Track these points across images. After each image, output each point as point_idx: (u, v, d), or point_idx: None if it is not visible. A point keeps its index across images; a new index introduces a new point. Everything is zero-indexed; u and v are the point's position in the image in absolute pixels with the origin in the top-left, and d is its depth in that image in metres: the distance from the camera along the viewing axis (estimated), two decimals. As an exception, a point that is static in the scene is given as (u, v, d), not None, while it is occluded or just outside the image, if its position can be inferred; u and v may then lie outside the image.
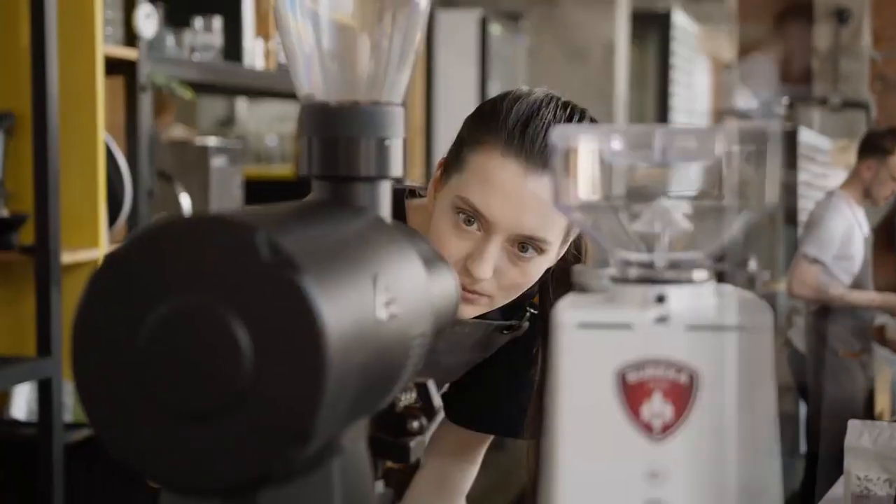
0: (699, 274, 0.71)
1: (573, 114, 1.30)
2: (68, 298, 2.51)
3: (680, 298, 0.70)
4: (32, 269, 2.45)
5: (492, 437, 1.58)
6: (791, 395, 4.81)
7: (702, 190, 0.73)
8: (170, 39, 3.05)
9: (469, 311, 1.32)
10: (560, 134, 0.72)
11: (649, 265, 0.72)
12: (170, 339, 0.62)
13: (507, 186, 1.25)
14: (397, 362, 0.74)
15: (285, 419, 0.60)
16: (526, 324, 1.46)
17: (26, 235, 2.50)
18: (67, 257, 2.52)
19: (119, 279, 0.64)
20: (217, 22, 3.14)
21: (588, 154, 0.72)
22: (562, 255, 1.36)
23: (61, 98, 2.49)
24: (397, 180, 0.85)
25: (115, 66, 2.75)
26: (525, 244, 1.27)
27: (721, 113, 9.49)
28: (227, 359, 0.61)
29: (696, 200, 0.72)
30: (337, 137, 0.81)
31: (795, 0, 7.65)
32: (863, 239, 4.49)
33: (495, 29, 5.93)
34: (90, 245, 2.62)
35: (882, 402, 4.68)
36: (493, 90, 6.04)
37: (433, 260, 0.86)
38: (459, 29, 5.18)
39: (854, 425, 1.95)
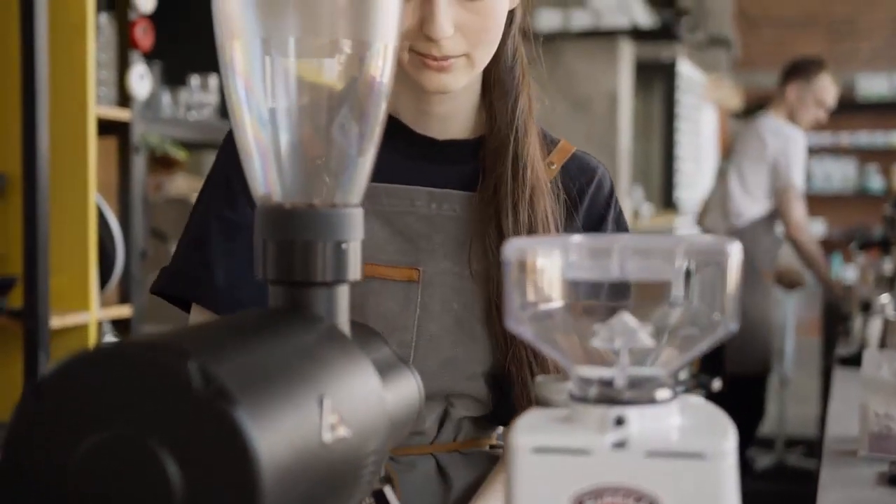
0: (662, 393, 0.68)
1: None
2: (57, 364, 2.47)
3: (641, 419, 0.67)
4: (21, 334, 2.42)
5: None
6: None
7: (663, 305, 0.70)
8: (165, 98, 3.04)
9: (453, 81, 1.22)
10: (513, 247, 0.69)
11: (609, 383, 0.69)
12: (99, 472, 0.59)
13: None
14: (348, 483, 0.71)
15: (215, 561, 0.57)
16: None
17: (15, 299, 2.47)
18: (57, 321, 2.49)
19: (48, 408, 0.61)
20: (213, 80, 3.13)
21: (543, 267, 0.69)
22: None
23: (53, 159, 2.48)
24: None
25: (108, 127, 2.73)
26: None
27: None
28: (158, 494, 0.58)
29: (658, 317, 0.70)
30: (293, 241, 0.78)
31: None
32: None
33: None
34: (81, 308, 2.59)
35: None
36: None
37: (392, 365, 0.83)
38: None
39: (871, 355, 1.78)
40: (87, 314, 2.61)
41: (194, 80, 3.14)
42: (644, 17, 5.97)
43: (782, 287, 5.01)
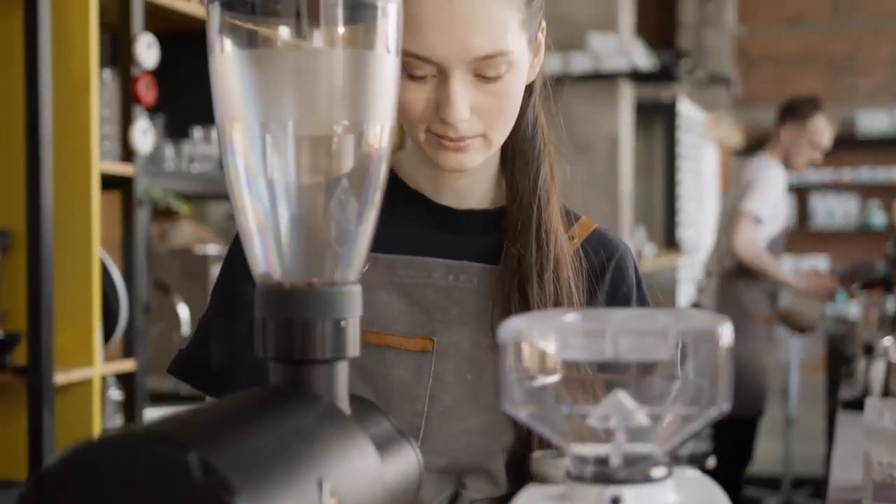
0: (657, 471, 0.69)
1: None
2: (61, 420, 2.48)
3: (637, 499, 0.67)
4: (25, 391, 2.43)
5: None
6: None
7: (658, 383, 0.71)
8: (168, 150, 3.07)
9: (469, 160, 1.21)
10: (509, 328, 0.70)
11: (605, 461, 0.69)
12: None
13: (434, 17, 1.12)
14: (348, 564, 0.71)
15: None
16: None
17: (19, 355, 2.48)
18: (61, 377, 2.50)
19: (50, 498, 0.62)
20: (215, 132, 3.16)
21: (538, 348, 0.70)
22: (539, 59, 1.26)
23: (57, 215, 2.49)
24: None
25: (111, 182, 2.75)
26: (486, 66, 1.15)
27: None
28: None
29: (653, 395, 0.70)
30: (292, 320, 0.79)
31: None
32: (785, 205, 4.56)
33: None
34: (84, 364, 2.60)
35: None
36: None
37: (392, 439, 0.84)
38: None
39: (873, 403, 1.76)
40: (91, 369, 2.61)
41: (197, 132, 3.17)
42: (643, 60, 6.01)
43: (789, 330, 5.00)
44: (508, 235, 1.28)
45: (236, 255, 1.28)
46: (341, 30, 0.78)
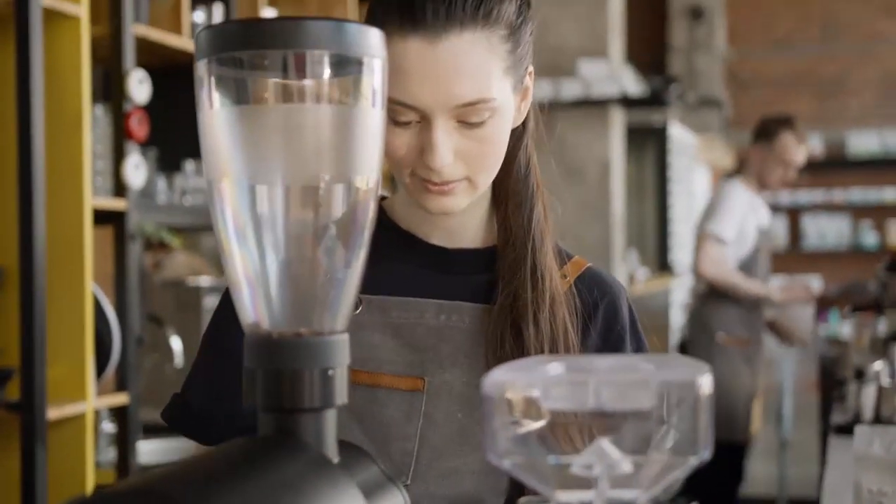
0: (640, 518, 0.70)
1: None
2: (54, 455, 2.49)
3: (620, 546, 0.69)
4: (18, 426, 2.43)
5: None
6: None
7: (641, 431, 0.72)
8: (161, 183, 3.08)
9: (454, 203, 1.22)
10: (492, 381, 0.71)
11: (589, 509, 0.71)
12: None
13: (417, 66, 1.14)
14: None
15: None
16: None
17: (12, 391, 2.49)
18: (54, 413, 2.50)
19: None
20: (208, 165, 3.17)
21: (522, 399, 0.71)
22: (527, 103, 1.27)
23: (49, 251, 2.50)
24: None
25: (104, 216, 2.77)
26: (469, 112, 1.16)
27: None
28: None
29: (636, 442, 0.72)
30: (281, 370, 0.81)
31: None
32: (756, 227, 4.54)
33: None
34: (78, 399, 2.60)
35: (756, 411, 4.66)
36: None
37: (380, 485, 0.85)
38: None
39: (862, 431, 1.74)
40: (84, 404, 2.61)
41: (189, 164, 3.18)
42: (633, 86, 6.04)
43: (780, 342, 5.02)
44: (503, 275, 1.29)
45: (226, 303, 1.30)
46: (327, 86, 0.80)
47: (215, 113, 0.81)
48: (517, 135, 1.28)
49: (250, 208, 0.82)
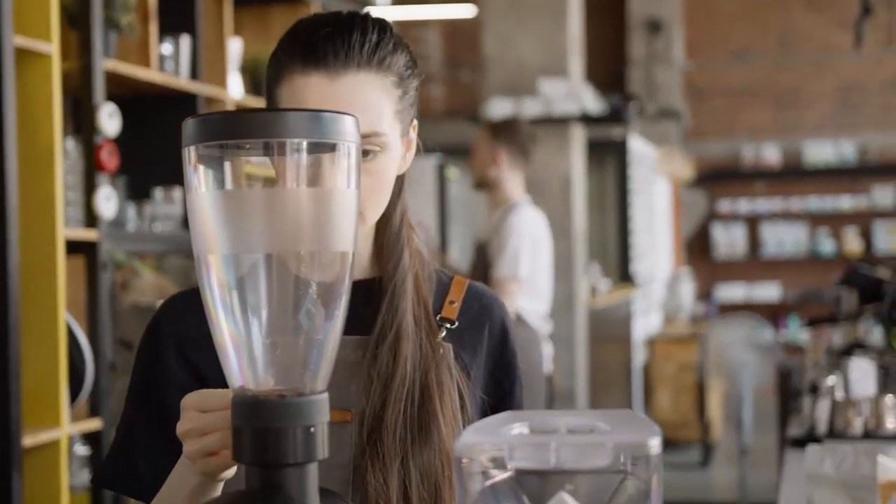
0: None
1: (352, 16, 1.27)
2: (29, 480, 2.53)
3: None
4: (-6, 456, 2.48)
5: None
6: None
7: (600, 487, 0.80)
8: (131, 211, 3.13)
9: None
10: (463, 444, 0.79)
11: (549, 556, 0.78)
12: None
13: (317, 99, 1.23)
14: None
15: None
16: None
17: (-13, 420, 2.53)
18: (29, 440, 2.55)
19: None
20: (177, 192, 3.23)
21: (488, 460, 0.79)
22: (411, 154, 1.34)
23: (22, 281, 2.55)
24: None
25: (76, 246, 2.82)
26: (363, 143, 1.19)
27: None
28: None
29: (595, 496, 0.79)
30: (266, 429, 0.88)
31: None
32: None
33: (452, 173, 6.09)
34: (52, 425, 2.66)
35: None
36: (454, 232, 6.16)
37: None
38: (418, 175, 5.31)
39: (814, 450, 1.75)
40: (59, 430, 2.67)
41: (158, 192, 3.24)
42: (593, 104, 6.14)
43: None
44: (375, 311, 1.33)
45: (155, 360, 1.30)
46: (306, 170, 0.88)
47: (202, 196, 0.88)
48: (399, 184, 1.35)
49: (234, 280, 0.90)
